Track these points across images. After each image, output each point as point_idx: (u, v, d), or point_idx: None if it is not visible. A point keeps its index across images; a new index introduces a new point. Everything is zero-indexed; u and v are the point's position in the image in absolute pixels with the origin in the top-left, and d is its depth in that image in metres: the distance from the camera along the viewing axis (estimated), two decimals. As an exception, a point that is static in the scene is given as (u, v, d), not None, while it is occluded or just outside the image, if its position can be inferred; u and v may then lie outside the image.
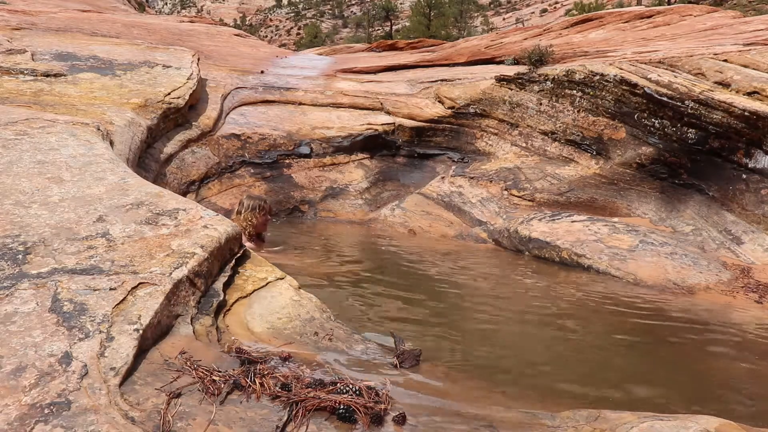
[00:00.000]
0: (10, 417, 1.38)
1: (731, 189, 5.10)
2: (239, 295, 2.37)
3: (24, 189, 2.66)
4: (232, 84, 8.07)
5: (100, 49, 7.23)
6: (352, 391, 1.67)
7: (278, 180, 6.74)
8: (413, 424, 1.61)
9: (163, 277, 2.03)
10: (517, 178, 6.42)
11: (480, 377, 2.40)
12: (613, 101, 6.08)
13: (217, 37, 12.28)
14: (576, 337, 3.21)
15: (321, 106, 8.01)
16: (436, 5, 35.09)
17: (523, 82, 7.08)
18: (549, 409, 1.88)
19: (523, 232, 5.25)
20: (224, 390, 1.63)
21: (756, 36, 6.56)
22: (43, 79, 5.71)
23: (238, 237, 2.59)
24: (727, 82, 5.28)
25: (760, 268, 4.45)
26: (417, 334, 2.93)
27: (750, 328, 3.44)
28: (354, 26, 71.89)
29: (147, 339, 1.80)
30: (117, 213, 2.51)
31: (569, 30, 10.21)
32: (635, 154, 5.85)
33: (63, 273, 1.99)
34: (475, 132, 7.46)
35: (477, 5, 61.20)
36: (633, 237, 4.82)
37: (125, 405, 1.49)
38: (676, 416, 1.65)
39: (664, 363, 2.90)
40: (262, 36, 69.46)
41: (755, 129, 4.89)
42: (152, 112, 5.70)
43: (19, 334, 1.67)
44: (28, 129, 3.54)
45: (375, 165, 7.31)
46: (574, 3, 43.95)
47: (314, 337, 2.23)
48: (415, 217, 6.20)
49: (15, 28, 7.82)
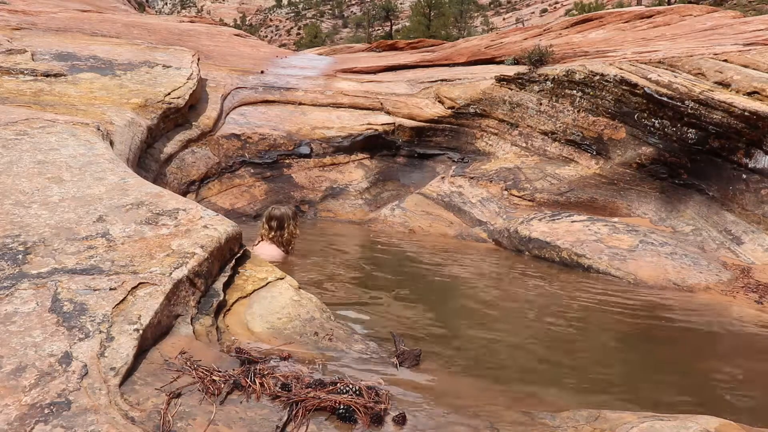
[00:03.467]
0: (10, 417, 1.38)
1: (731, 189, 5.10)
2: (239, 295, 2.37)
3: (24, 189, 2.66)
4: (232, 84, 8.07)
5: (100, 49, 7.23)
6: (352, 391, 1.67)
7: (278, 180, 6.74)
8: (413, 424, 1.61)
9: (163, 277, 2.03)
10: (517, 178, 6.42)
11: (480, 377, 2.40)
12: (613, 101, 6.08)
13: (217, 37, 12.28)
14: (576, 337, 3.21)
15: (321, 106, 8.01)
16: (436, 5, 35.07)
17: (523, 82, 7.08)
18: (549, 409, 1.88)
19: (523, 232, 5.25)
20: (224, 390, 1.63)
21: (756, 36, 6.56)
22: (43, 79, 5.71)
23: (238, 237, 2.59)
24: (727, 82, 5.28)
25: (760, 268, 4.45)
26: (417, 333, 2.92)
27: (750, 327, 3.44)
28: (354, 26, 71.89)
29: (147, 339, 1.80)
30: (117, 213, 2.50)
31: (569, 30, 10.21)
32: (635, 154, 5.85)
33: (63, 273, 1.99)
34: (475, 132, 7.46)
35: (477, 5, 61.23)
36: (633, 237, 4.81)
37: (125, 405, 1.49)
38: (676, 416, 1.64)
39: (664, 363, 2.90)
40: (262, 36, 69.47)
41: (755, 129, 4.89)
42: (152, 112, 5.70)
43: (19, 334, 1.67)
44: (28, 129, 3.54)
45: (375, 165, 7.31)
46: (574, 3, 43.97)
47: (314, 337, 2.22)
48: (415, 217, 6.20)
49: (15, 28, 7.82)
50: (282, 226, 4.12)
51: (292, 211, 4.27)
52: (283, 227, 4.11)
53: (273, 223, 4.14)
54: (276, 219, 4.15)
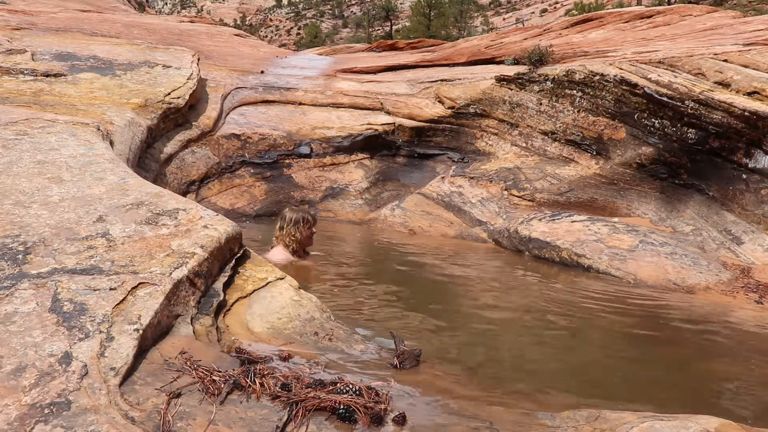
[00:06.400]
0: (10, 417, 1.38)
1: (731, 189, 5.10)
2: (239, 295, 2.37)
3: (24, 189, 2.66)
4: (232, 84, 8.07)
5: (100, 49, 7.23)
6: (352, 391, 1.67)
7: (278, 180, 6.74)
8: (413, 424, 1.61)
9: (163, 277, 2.03)
10: (517, 178, 6.42)
11: (480, 377, 2.40)
12: (613, 101, 6.08)
13: (217, 37, 12.28)
14: (576, 337, 3.21)
15: (321, 106, 8.01)
16: (436, 5, 35.08)
17: (523, 82, 7.08)
18: (549, 409, 1.88)
19: (523, 232, 5.24)
20: (224, 390, 1.63)
21: (756, 36, 6.56)
22: (43, 79, 5.71)
23: (238, 237, 2.59)
24: (727, 82, 5.28)
25: (760, 268, 4.45)
26: (416, 333, 2.92)
27: (750, 327, 3.44)
28: (354, 26, 71.88)
29: (147, 339, 1.80)
30: (117, 213, 2.50)
31: (569, 30, 10.21)
32: (635, 154, 5.85)
33: (63, 273, 1.99)
34: (475, 132, 7.46)
35: (477, 5, 61.22)
36: (633, 237, 4.81)
37: (125, 405, 1.49)
38: (676, 416, 1.64)
39: (664, 363, 2.89)
40: (262, 36, 69.46)
41: (755, 129, 4.88)
42: (152, 112, 5.70)
43: (19, 334, 1.67)
44: (28, 129, 3.54)
45: (375, 165, 7.31)
46: (574, 3, 43.95)
47: (314, 337, 2.22)
48: (415, 217, 6.20)
49: (15, 28, 7.82)
50: (281, 226, 4.12)
51: (301, 216, 4.12)
52: (282, 228, 4.09)
53: (279, 223, 4.14)
54: (281, 219, 4.15)
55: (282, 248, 4.05)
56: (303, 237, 4.10)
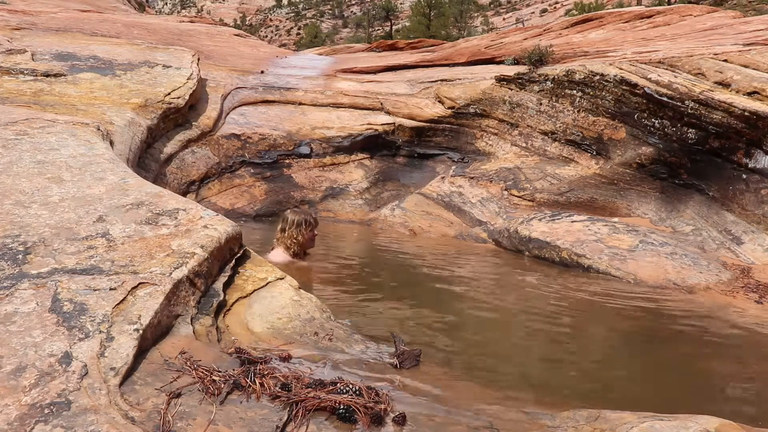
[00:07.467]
0: (10, 417, 1.38)
1: (731, 189, 5.10)
2: (239, 295, 2.37)
3: (24, 189, 2.66)
4: (232, 84, 8.07)
5: (100, 49, 7.23)
6: (352, 391, 1.67)
7: (278, 180, 6.74)
8: (413, 424, 1.61)
9: (163, 277, 2.03)
10: (517, 178, 6.42)
11: (480, 377, 2.40)
12: (613, 101, 6.08)
13: (217, 37, 12.28)
14: (576, 338, 3.21)
15: (321, 106, 8.01)
16: (436, 5, 35.07)
17: (523, 82, 7.08)
18: (549, 409, 1.88)
19: (523, 232, 5.24)
20: (224, 390, 1.62)
21: (756, 36, 6.56)
22: (43, 79, 5.71)
23: (238, 237, 2.59)
24: (727, 82, 5.28)
25: (760, 268, 4.45)
26: (416, 333, 2.92)
27: (750, 327, 3.44)
28: (354, 26, 71.87)
29: (147, 339, 1.80)
30: (117, 213, 2.50)
31: (569, 30, 10.22)
32: (635, 154, 5.85)
33: (63, 273, 1.99)
34: (475, 132, 7.46)
35: (477, 5, 61.18)
36: (633, 237, 4.81)
37: (125, 405, 1.49)
38: (676, 416, 1.64)
39: (664, 363, 2.89)
40: (262, 36, 69.45)
41: (755, 129, 4.88)
42: (152, 112, 5.70)
43: (19, 334, 1.67)
44: (28, 129, 3.54)
45: (375, 165, 7.31)
46: (574, 3, 43.95)
47: (314, 337, 2.22)
48: (415, 217, 6.20)
49: (15, 28, 7.82)
50: (283, 228, 4.11)
51: (303, 218, 4.10)
52: (284, 230, 4.08)
53: (281, 225, 4.13)
54: (282, 221, 4.14)
55: (282, 250, 4.05)
56: (305, 239, 4.08)
